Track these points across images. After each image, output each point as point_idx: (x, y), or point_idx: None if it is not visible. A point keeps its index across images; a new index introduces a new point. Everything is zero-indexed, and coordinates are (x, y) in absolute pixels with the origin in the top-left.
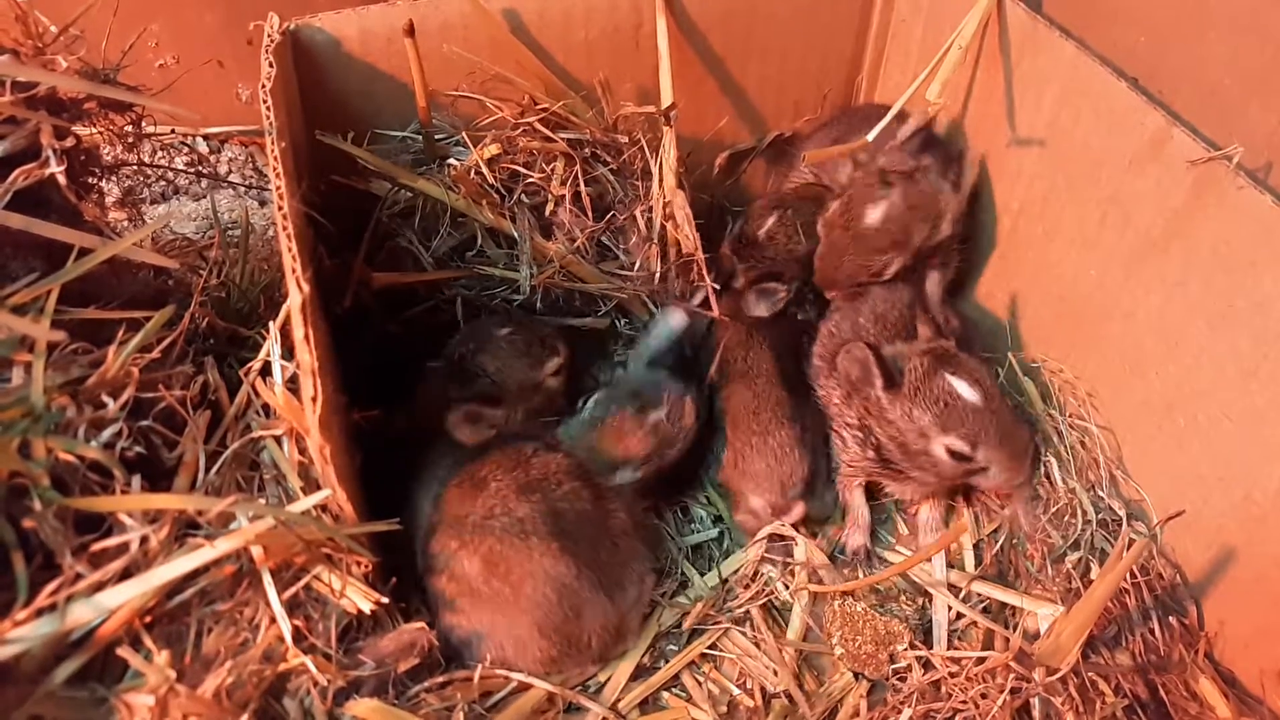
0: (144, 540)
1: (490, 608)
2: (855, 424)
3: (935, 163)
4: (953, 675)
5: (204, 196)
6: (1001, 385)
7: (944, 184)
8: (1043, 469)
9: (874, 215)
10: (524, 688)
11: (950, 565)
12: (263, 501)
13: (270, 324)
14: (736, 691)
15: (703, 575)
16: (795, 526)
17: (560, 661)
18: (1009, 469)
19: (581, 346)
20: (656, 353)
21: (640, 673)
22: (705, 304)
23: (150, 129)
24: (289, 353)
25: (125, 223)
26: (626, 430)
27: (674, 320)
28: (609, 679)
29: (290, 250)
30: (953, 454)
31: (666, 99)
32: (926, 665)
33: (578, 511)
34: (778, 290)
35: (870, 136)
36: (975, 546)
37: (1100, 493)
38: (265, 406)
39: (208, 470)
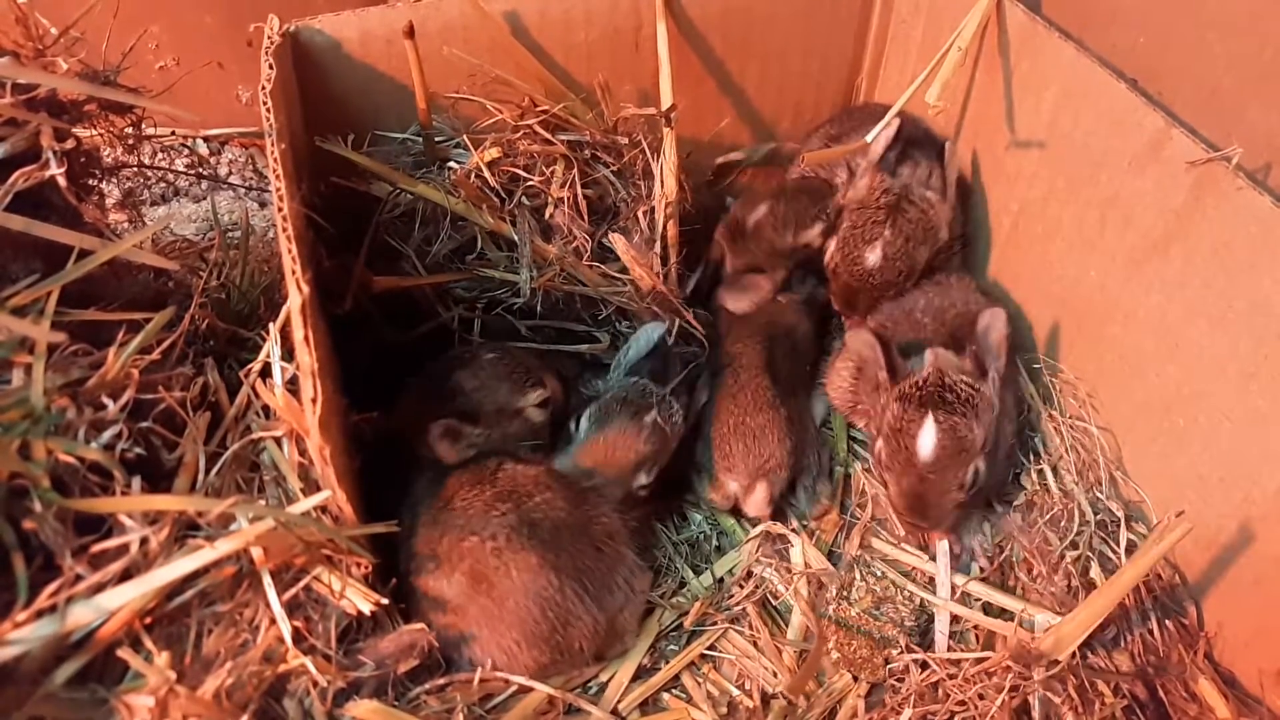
0: (144, 541)
1: (476, 623)
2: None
3: (920, 168)
4: (951, 677)
5: (204, 198)
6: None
7: (928, 193)
8: (1039, 474)
9: (873, 258)
10: (524, 690)
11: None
12: (263, 503)
13: (270, 325)
14: (736, 692)
15: (698, 575)
16: (784, 523)
17: (552, 668)
18: (895, 506)
19: (573, 358)
20: (634, 361)
21: (640, 673)
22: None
23: (150, 131)
24: (289, 354)
25: (125, 224)
26: (627, 436)
27: (653, 332)
28: (610, 679)
29: (290, 252)
30: (880, 455)
31: (666, 101)
32: (925, 666)
33: (554, 520)
34: (759, 285)
35: (870, 137)
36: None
37: (1099, 494)
38: (265, 408)
39: (208, 471)
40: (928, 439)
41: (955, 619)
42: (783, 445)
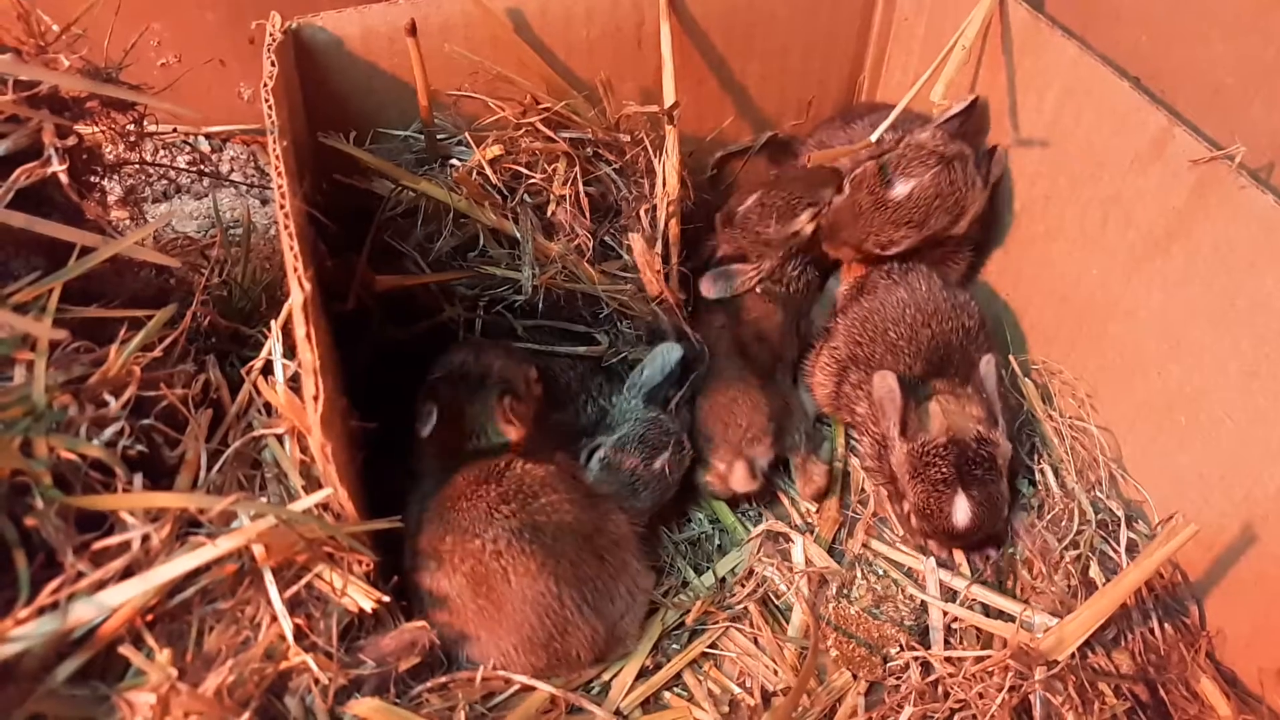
0: (146, 539)
1: (475, 625)
2: (879, 434)
3: (969, 151)
4: (951, 675)
5: (206, 195)
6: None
7: (977, 178)
8: (1040, 474)
9: (902, 189)
10: (527, 689)
11: (945, 568)
12: (264, 500)
13: (272, 322)
14: (737, 690)
15: (700, 574)
16: (785, 520)
17: (550, 672)
18: (938, 551)
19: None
20: (651, 385)
21: (642, 672)
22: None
23: (152, 128)
24: (291, 351)
25: (127, 221)
26: (638, 480)
27: (670, 354)
28: (613, 678)
29: (292, 249)
30: (912, 522)
31: (670, 99)
32: (925, 665)
33: (559, 524)
34: (742, 272)
35: (873, 138)
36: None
37: (1099, 493)
38: (267, 405)
39: (209, 469)
40: (963, 515)
41: (955, 618)
42: (758, 412)
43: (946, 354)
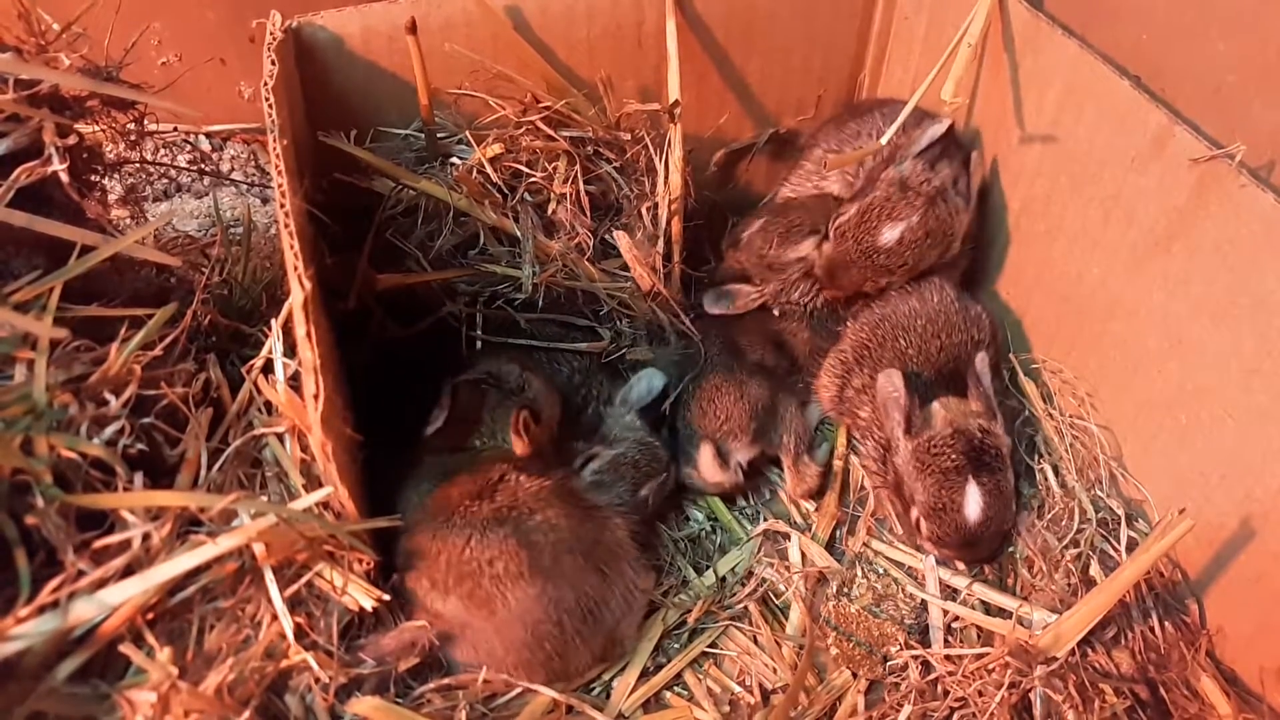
0: (146, 537)
1: (472, 646)
2: (883, 438)
3: (951, 171)
4: (950, 673)
5: (206, 194)
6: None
7: (959, 200)
8: (1040, 473)
9: (889, 236)
10: (529, 690)
11: (944, 566)
12: (264, 499)
13: (272, 321)
14: (737, 689)
15: (700, 573)
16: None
17: (549, 682)
18: (954, 560)
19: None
20: (639, 404)
21: (643, 672)
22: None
23: (153, 127)
24: (291, 350)
25: (127, 220)
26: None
27: (655, 381)
28: (614, 678)
29: (292, 248)
30: (921, 528)
31: (674, 96)
32: (925, 663)
33: (555, 543)
34: (743, 294)
35: (883, 140)
36: None
37: (1100, 492)
38: (267, 404)
39: (210, 467)
40: (975, 506)
41: (955, 616)
42: (739, 406)
43: (956, 367)
